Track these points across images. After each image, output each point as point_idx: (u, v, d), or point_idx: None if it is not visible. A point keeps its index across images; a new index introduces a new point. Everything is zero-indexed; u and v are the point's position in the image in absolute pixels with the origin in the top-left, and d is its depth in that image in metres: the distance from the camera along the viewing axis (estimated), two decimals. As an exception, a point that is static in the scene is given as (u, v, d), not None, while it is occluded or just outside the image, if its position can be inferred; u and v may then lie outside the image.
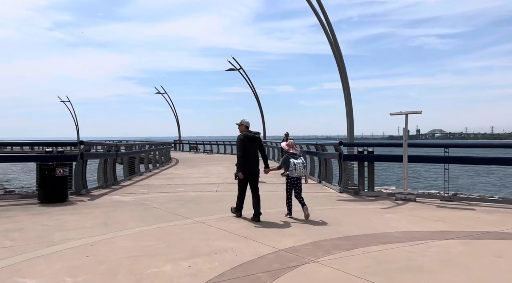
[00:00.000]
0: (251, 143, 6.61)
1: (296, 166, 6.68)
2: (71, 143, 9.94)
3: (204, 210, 7.50)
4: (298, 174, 6.73)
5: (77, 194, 9.42)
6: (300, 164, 6.71)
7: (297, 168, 6.69)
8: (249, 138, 6.63)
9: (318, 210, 7.60)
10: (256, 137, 6.71)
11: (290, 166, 6.70)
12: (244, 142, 6.59)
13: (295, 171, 6.70)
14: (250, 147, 6.60)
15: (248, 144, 6.58)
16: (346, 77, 11.68)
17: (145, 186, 11.61)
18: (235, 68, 29.58)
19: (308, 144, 14.83)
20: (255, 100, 30.26)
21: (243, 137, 6.62)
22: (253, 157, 6.62)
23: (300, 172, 6.72)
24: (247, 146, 6.56)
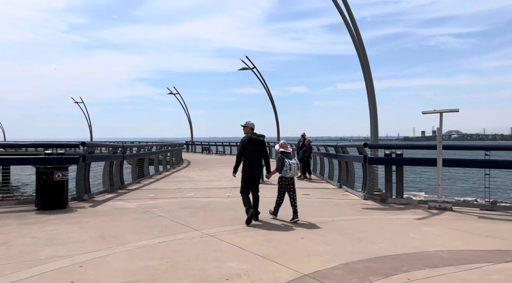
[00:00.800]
0: (254, 145, 6.47)
1: (291, 166, 6.51)
2: (72, 144, 9.26)
3: (215, 220, 6.71)
4: (292, 174, 6.59)
5: (79, 200, 8.74)
6: (294, 164, 6.57)
7: (292, 168, 6.52)
8: (253, 140, 6.49)
9: (343, 220, 6.73)
10: (260, 140, 6.57)
11: (285, 166, 6.48)
12: (248, 144, 6.45)
13: (290, 171, 6.53)
14: (254, 149, 6.46)
15: (251, 147, 6.45)
16: (370, 76, 10.80)
17: (153, 190, 10.90)
18: (248, 68, 28.80)
19: (326, 145, 13.93)
20: (269, 100, 29.46)
21: (247, 139, 6.49)
22: (256, 160, 6.50)
23: (294, 172, 6.59)
24: (250, 149, 6.43)
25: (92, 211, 7.61)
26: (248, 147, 6.45)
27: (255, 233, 5.74)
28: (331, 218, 6.92)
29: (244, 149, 6.46)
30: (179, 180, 13.72)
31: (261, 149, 6.59)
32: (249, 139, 6.49)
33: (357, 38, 10.96)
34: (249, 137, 6.51)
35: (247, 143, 6.47)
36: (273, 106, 29.37)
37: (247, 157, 6.45)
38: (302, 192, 10.52)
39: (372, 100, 10.79)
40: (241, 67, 28.86)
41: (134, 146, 13.88)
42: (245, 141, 6.48)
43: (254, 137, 6.52)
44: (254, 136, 6.54)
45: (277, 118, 29.41)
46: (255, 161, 6.48)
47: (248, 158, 6.44)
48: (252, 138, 6.50)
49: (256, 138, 6.52)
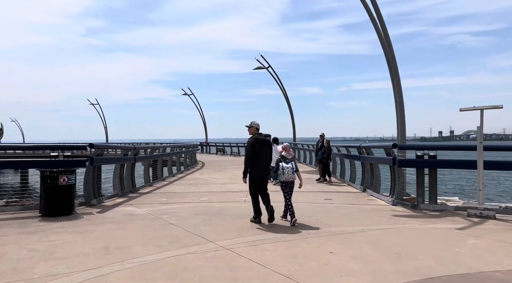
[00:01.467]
0: (261, 146, 6.43)
1: (284, 170, 6.46)
2: (80, 146, 8.77)
3: (231, 229, 6.09)
4: (286, 178, 6.51)
5: (87, 205, 8.24)
6: (289, 168, 6.48)
7: (285, 172, 6.46)
8: (260, 141, 6.44)
9: (374, 230, 6.02)
10: (267, 141, 6.55)
11: (279, 169, 6.49)
12: (255, 146, 6.38)
13: (283, 175, 6.48)
14: (261, 150, 6.41)
15: (258, 148, 6.39)
16: (397, 75, 10.06)
17: (165, 194, 10.35)
18: (263, 67, 28.16)
19: (348, 146, 13.18)
20: (283, 100, 28.78)
21: (254, 140, 6.43)
22: (263, 161, 6.44)
23: (288, 176, 6.50)
24: (257, 150, 6.37)
25: (99, 217, 7.08)
26: (255, 148, 6.37)
27: (276, 246, 5.09)
28: (360, 227, 6.22)
29: (252, 150, 6.37)
30: (193, 183, 13.17)
31: (268, 149, 6.53)
32: (256, 141, 6.43)
33: (384, 36, 10.24)
34: (256, 139, 6.45)
35: (254, 144, 6.39)
36: (288, 106, 28.67)
37: (255, 158, 6.37)
38: (323, 196, 9.82)
39: (399, 99, 10.04)
40: (256, 66, 28.25)
41: (146, 147, 13.41)
42: (252, 142, 6.41)
43: (260, 138, 6.46)
44: (260, 137, 6.48)
45: (293, 119, 28.70)
46: (262, 161, 6.42)
47: (256, 159, 6.37)
48: (259, 139, 6.44)
49: (263, 139, 6.46)
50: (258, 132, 6.63)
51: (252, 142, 6.44)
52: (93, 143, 8.04)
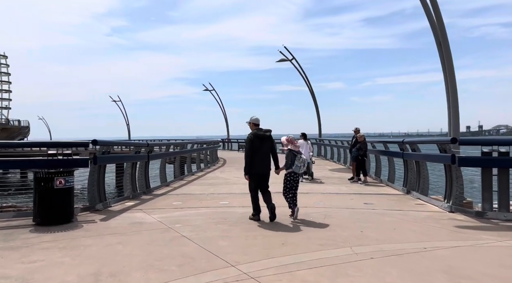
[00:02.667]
0: (261, 142, 6.27)
1: (305, 162, 6.43)
2: (81, 143, 7.71)
3: (256, 245, 4.89)
4: (303, 169, 6.49)
5: (91, 210, 7.21)
6: (306, 160, 6.50)
7: (304, 164, 6.44)
8: (260, 137, 6.29)
9: (440, 249, 4.66)
10: (267, 136, 6.34)
11: (299, 162, 6.29)
12: (254, 142, 6.24)
13: (303, 167, 6.42)
14: (261, 146, 6.26)
15: (258, 144, 6.24)
16: (451, 64, 8.58)
17: (181, 196, 9.25)
18: (287, 59, 26.75)
19: (386, 142, 11.73)
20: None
21: (253, 136, 6.29)
22: (263, 157, 6.28)
23: (305, 167, 6.51)
24: (256, 146, 6.23)
25: (100, 227, 6.00)
26: (255, 144, 6.23)
27: (317, 274, 3.83)
28: (420, 243, 4.89)
29: (252, 146, 6.23)
30: (212, 182, 12.03)
31: (269, 145, 6.35)
32: (255, 136, 6.28)
33: (438, 23, 8.75)
34: (255, 135, 6.31)
35: (253, 140, 6.25)
36: (314, 101, 27.16)
37: (255, 154, 6.24)
38: (362, 199, 8.48)
39: (452, 87, 8.55)
40: (279, 59, 26.88)
41: (161, 144, 12.38)
42: (251, 138, 6.27)
43: (260, 134, 6.30)
44: (260, 133, 6.32)
45: (318, 113, 27.19)
46: (263, 158, 6.28)
47: (256, 155, 6.23)
48: (258, 135, 6.30)
49: (262, 135, 6.31)
50: (258, 128, 6.43)
51: (251, 138, 6.29)
52: (97, 139, 6.98)
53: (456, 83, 8.45)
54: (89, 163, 7.10)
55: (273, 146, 6.46)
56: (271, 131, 6.43)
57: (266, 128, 6.45)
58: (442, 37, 8.49)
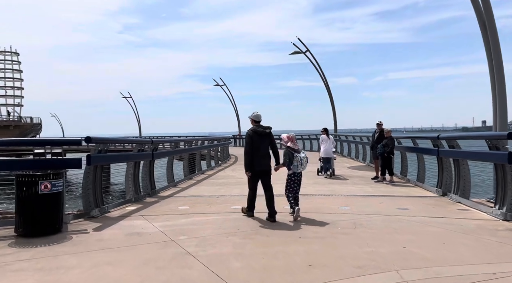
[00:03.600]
0: (261, 138, 6.18)
1: (302, 161, 6.18)
2: (73, 140, 6.78)
3: (278, 267, 3.93)
4: (302, 168, 6.27)
5: (86, 217, 6.34)
6: (305, 159, 6.24)
7: (303, 162, 6.20)
8: (259, 133, 6.19)
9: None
10: (267, 133, 6.23)
11: (296, 161, 6.14)
12: (253, 138, 6.16)
13: (301, 166, 6.19)
14: (260, 143, 6.16)
15: (257, 140, 6.15)
16: (498, 52, 7.44)
17: (189, 199, 8.34)
18: (301, 51, 25.63)
19: (414, 137, 10.65)
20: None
21: (252, 132, 6.21)
22: (263, 154, 6.18)
23: (304, 167, 6.25)
24: (256, 142, 6.13)
25: (92, 240, 5.11)
26: (254, 140, 6.13)
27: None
28: (485, 267, 3.87)
29: (251, 143, 6.13)
30: (223, 182, 11.10)
31: (268, 142, 6.23)
32: (254, 133, 6.19)
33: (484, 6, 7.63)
34: (254, 131, 6.21)
35: (252, 136, 6.16)
36: (329, 94, 25.99)
37: (254, 151, 6.13)
38: (393, 203, 7.45)
39: (499, 79, 7.42)
40: (293, 51, 25.79)
41: (168, 141, 11.49)
42: (251, 135, 6.19)
43: (259, 130, 6.20)
44: (259, 129, 6.20)
45: (334, 108, 26.03)
46: (262, 154, 6.17)
47: (255, 152, 6.13)
48: (257, 131, 6.19)
49: (261, 131, 6.19)
50: (258, 124, 6.28)
51: (250, 134, 6.20)
52: (90, 137, 6.07)
53: (503, 70, 7.30)
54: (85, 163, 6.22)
55: (272, 142, 6.32)
56: (271, 129, 6.30)
57: (266, 125, 6.32)
58: (487, 16, 7.35)
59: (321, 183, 10.70)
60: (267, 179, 6.31)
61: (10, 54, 68.62)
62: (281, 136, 6.58)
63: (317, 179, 11.69)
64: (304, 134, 30.98)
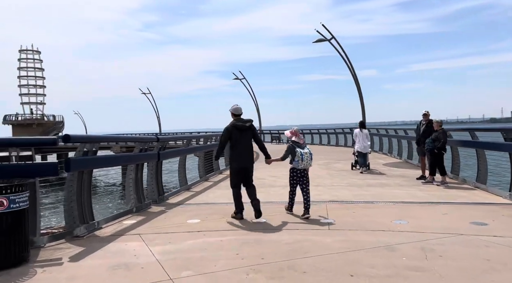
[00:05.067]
0: (240, 133, 5.81)
1: (303, 156, 5.78)
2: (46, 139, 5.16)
3: None
4: (304, 165, 5.83)
5: (68, 238, 4.96)
6: (307, 154, 5.84)
7: (304, 158, 5.78)
8: (238, 128, 5.82)
9: None
10: (247, 127, 5.87)
11: (297, 156, 5.79)
12: (232, 132, 5.80)
13: (302, 161, 5.79)
14: (240, 137, 5.81)
15: (236, 135, 5.79)
16: None
17: (201, 209, 6.92)
18: (325, 39, 23.75)
19: (472, 129, 8.87)
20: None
21: (231, 127, 5.85)
22: (243, 149, 5.83)
23: (307, 162, 5.83)
24: (235, 137, 5.78)
25: (61, 278, 3.71)
26: (233, 135, 5.79)
27: None
28: None
29: (230, 138, 5.83)
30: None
31: (250, 136, 5.90)
32: (234, 127, 5.82)
33: None
34: (233, 125, 5.85)
35: (231, 131, 5.82)
36: (356, 85, 24.06)
37: (234, 147, 5.83)
38: (462, 214, 5.78)
39: None
40: (316, 39, 23.96)
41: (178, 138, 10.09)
42: (229, 129, 5.85)
43: (239, 124, 5.84)
44: (239, 123, 5.85)
45: (362, 99, 24.09)
46: (242, 150, 5.83)
47: (235, 148, 5.82)
48: (237, 126, 5.83)
49: (241, 125, 5.84)
50: (238, 118, 5.95)
51: (228, 128, 5.88)
52: (69, 134, 4.67)
53: None
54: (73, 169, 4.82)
55: (255, 135, 6.03)
56: (252, 121, 6.00)
57: (247, 119, 5.99)
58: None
59: (358, 185, 9.08)
60: (248, 176, 5.96)
61: (32, 53, 69.19)
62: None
63: (351, 179, 10.08)
64: (330, 128, 29.20)
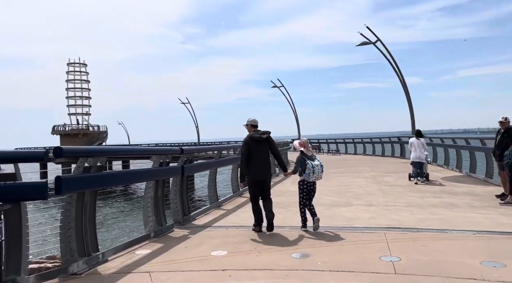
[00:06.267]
0: (257, 145, 5.80)
1: (314, 169, 5.63)
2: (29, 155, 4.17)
3: None
4: (316, 177, 5.71)
5: (63, 276, 3.99)
6: (318, 166, 5.69)
7: (315, 171, 5.64)
8: (255, 139, 5.82)
9: None
10: (264, 138, 5.85)
11: (307, 168, 5.64)
12: (249, 145, 5.79)
13: (313, 174, 5.64)
14: (257, 149, 5.79)
15: (254, 147, 5.78)
16: None
17: (231, 234, 5.81)
18: (370, 42, 22.16)
19: None
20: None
21: (248, 139, 5.86)
22: (260, 162, 5.81)
23: (318, 175, 5.69)
24: (252, 149, 5.77)
25: None
26: (250, 147, 5.77)
27: None
28: None
29: (248, 150, 5.76)
30: (281, 202, 8.35)
31: (267, 148, 5.89)
32: (251, 139, 5.83)
33: None
34: (250, 137, 5.86)
35: (248, 143, 5.82)
36: (405, 91, 22.16)
37: (251, 159, 5.77)
38: None
39: None
40: (361, 42, 22.44)
41: (207, 149, 9.08)
42: (246, 141, 5.85)
43: (256, 136, 5.83)
44: (256, 135, 5.84)
45: (411, 106, 22.15)
46: (259, 162, 5.81)
47: (252, 160, 5.77)
48: (254, 137, 5.83)
49: (258, 137, 5.83)
50: (255, 130, 5.93)
51: (246, 140, 5.86)
52: (62, 147, 3.69)
53: None
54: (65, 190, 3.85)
55: (272, 148, 5.99)
56: (269, 133, 5.94)
57: (264, 130, 5.97)
58: None
59: (419, 205, 7.60)
60: (265, 188, 5.92)
61: (79, 66, 72.14)
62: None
63: (409, 197, 8.59)
64: (374, 137, 27.31)
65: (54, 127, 69.31)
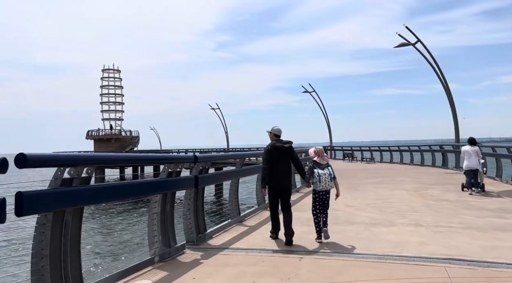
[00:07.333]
0: (280, 154, 5.78)
1: (320, 177, 5.57)
2: None
3: None
4: (323, 186, 5.60)
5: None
6: (326, 175, 5.60)
7: (321, 179, 5.57)
8: (278, 148, 5.79)
9: None
10: (286, 148, 5.82)
11: (314, 177, 5.61)
12: (272, 153, 5.76)
13: (320, 183, 5.57)
14: (279, 158, 5.76)
15: (276, 156, 5.75)
16: None
17: (252, 257, 4.83)
18: (409, 43, 20.66)
19: None
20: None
21: (270, 147, 5.82)
22: (282, 171, 5.77)
23: (325, 184, 5.59)
24: (274, 158, 5.74)
25: None
26: (272, 155, 5.74)
27: None
28: None
29: (270, 158, 5.71)
30: (309, 219, 7.24)
31: (288, 158, 5.85)
32: (274, 148, 5.79)
33: None
34: (272, 146, 5.81)
35: (270, 151, 5.77)
36: (448, 97, 20.44)
37: (272, 168, 5.71)
38: None
39: None
40: (399, 43, 20.97)
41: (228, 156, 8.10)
42: (269, 149, 5.80)
43: (278, 145, 5.80)
44: (278, 144, 5.81)
45: (455, 112, 20.40)
46: (280, 171, 5.74)
47: (273, 168, 5.71)
48: (276, 146, 5.79)
49: (280, 146, 5.79)
50: (277, 139, 5.91)
51: (268, 149, 5.81)
52: (26, 154, 2.85)
53: None
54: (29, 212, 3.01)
55: (294, 158, 5.93)
56: (291, 143, 5.89)
57: (286, 140, 5.91)
58: None
59: (479, 227, 6.31)
60: (285, 197, 5.86)
61: (113, 72, 73.80)
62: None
63: (463, 216, 7.30)
64: (413, 145, 25.54)
65: (88, 132, 70.90)
